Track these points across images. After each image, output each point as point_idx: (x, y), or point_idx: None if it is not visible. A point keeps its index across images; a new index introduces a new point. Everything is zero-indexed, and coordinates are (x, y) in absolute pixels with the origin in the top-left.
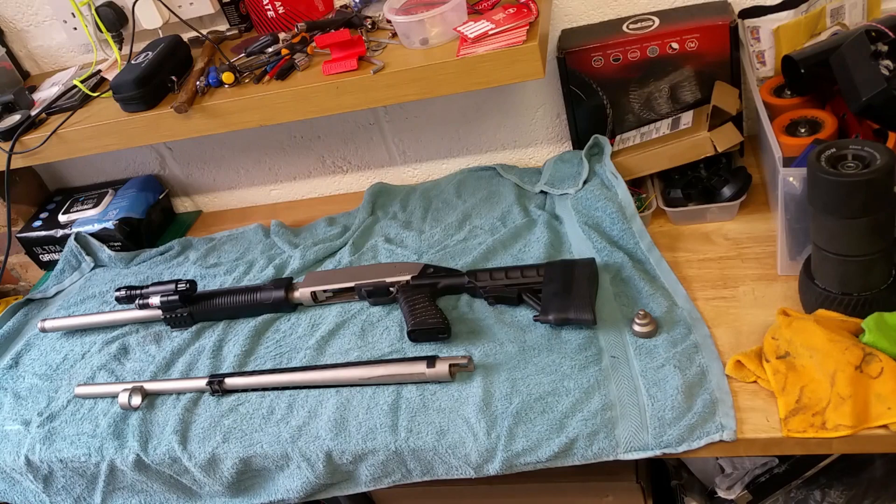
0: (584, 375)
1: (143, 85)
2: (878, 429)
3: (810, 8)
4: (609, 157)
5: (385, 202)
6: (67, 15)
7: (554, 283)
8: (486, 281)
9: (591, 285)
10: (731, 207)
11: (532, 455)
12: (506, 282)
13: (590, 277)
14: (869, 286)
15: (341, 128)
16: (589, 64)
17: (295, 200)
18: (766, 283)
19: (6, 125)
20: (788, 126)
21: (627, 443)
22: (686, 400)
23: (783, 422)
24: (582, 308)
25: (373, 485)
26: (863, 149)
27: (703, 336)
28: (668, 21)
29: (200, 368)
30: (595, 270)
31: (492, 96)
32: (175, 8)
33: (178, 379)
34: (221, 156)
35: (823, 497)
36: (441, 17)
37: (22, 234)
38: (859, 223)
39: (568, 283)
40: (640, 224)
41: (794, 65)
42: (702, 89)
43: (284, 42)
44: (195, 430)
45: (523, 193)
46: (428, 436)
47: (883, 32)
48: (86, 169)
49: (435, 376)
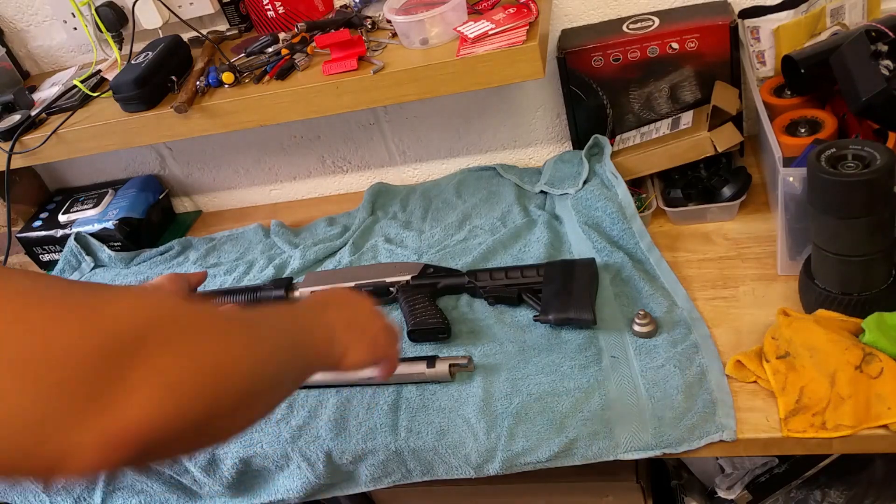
0: (584, 375)
1: (143, 85)
2: (878, 429)
3: (810, 8)
4: (609, 157)
5: (385, 202)
6: (67, 15)
7: (554, 283)
8: (486, 281)
9: (591, 285)
10: (731, 207)
11: (532, 455)
12: (506, 282)
13: (590, 277)
14: (869, 286)
15: (341, 128)
16: (589, 64)
17: (295, 200)
18: (766, 283)
19: (6, 125)
20: (788, 126)
21: (627, 443)
22: (686, 400)
23: (783, 422)
24: (582, 308)
25: (373, 485)
26: (863, 149)
27: (703, 336)
28: (668, 21)
29: None
30: (595, 270)
31: (492, 96)
32: (175, 8)
33: None
34: (221, 156)
35: (823, 497)
36: (441, 17)
37: (22, 234)
38: (859, 223)
39: (568, 282)
40: (640, 224)
41: (794, 65)
42: (702, 89)
43: (284, 42)
44: None
45: (523, 193)
46: (428, 436)
47: (883, 32)
48: (86, 169)
49: (435, 376)
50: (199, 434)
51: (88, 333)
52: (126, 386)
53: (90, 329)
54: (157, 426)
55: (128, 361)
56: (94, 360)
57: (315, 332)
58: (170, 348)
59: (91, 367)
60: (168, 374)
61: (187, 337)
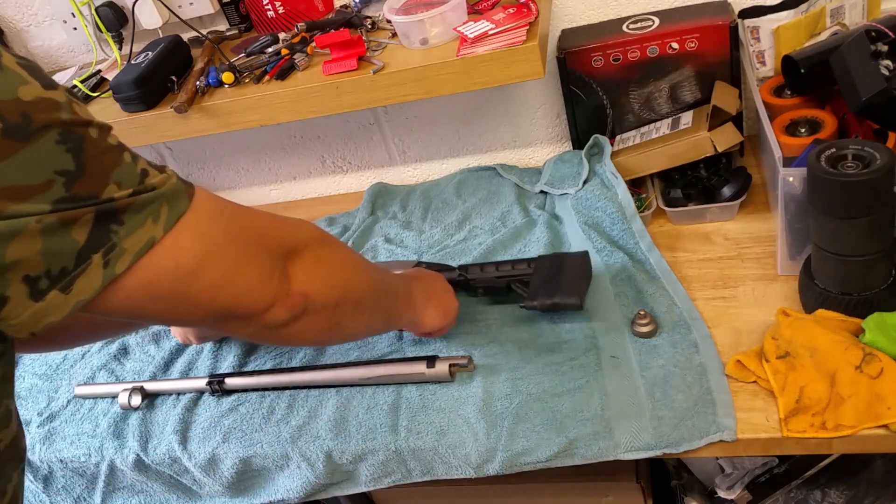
0: (584, 375)
1: (143, 85)
2: (878, 429)
3: (810, 8)
4: (609, 157)
5: (385, 202)
6: (67, 15)
7: (543, 272)
8: (476, 274)
9: (581, 273)
10: (731, 207)
11: (532, 455)
12: (496, 274)
13: (580, 267)
14: (869, 286)
15: (341, 128)
16: (589, 64)
17: (295, 200)
18: (766, 283)
19: None
20: (788, 126)
21: (627, 443)
22: (686, 400)
23: (783, 422)
24: (569, 293)
25: (373, 485)
26: (863, 149)
27: (703, 336)
28: (668, 21)
29: (200, 368)
30: (587, 261)
31: (492, 96)
32: (175, 8)
33: (178, 379)
34: (221, 156)
35: (823, 497)
36: (441, 17)
37: None
38: (859, 223)
39: (558, 272)
40: (640, 224)
41: (794, 65)
42: (702, 89)
43: (284, 42)
44: (195, 430)
45: (523, 193)
46: (428, 436)
47: (883, 32)
48: None
49: (435, 376)
50: (333, 313)
51: (284, 235)
52: (297, 269)
53: (284, 233)
54: (314, 292)
55: (299, 255)
56: (284, 249)
57: (402, 294)
58: (324, 251)
59: (281, 254)
60: (320, 266)
61: (333, 249)
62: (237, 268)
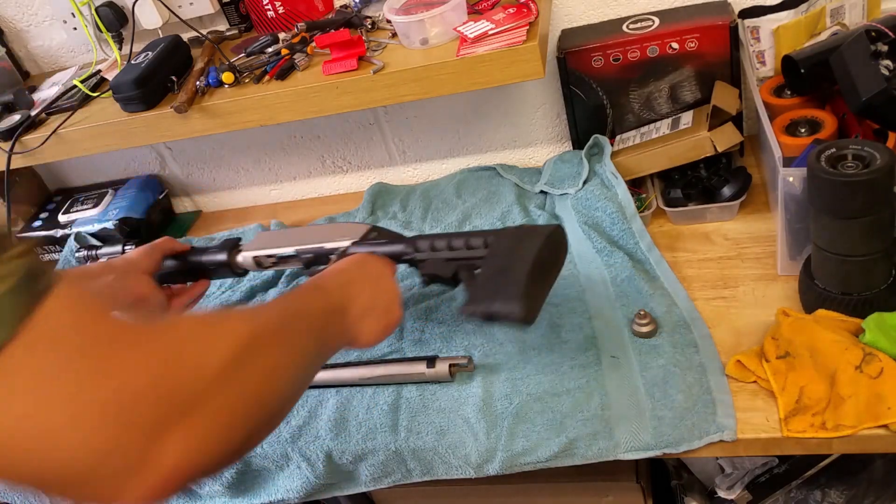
0: (584, 375)
1: (143, 85)
2: (878, 429)
3: (810, 8)
4: (609, 157)
5: (385, 202)
6: (67, 15)
7: (496, 259)
8: (426, 252)
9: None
10: (731, 207)
11: (532, 455)
12: (447, 254)
13: (541, 251)
14: (869, 286)
15: (341, 128)
16: (589, 64)
17: (295, 200)
18: (766, 283)
19: (6, 125)
20: (788, 126)
21: (627, 443)
22: (686, 400)
23: (783, 422)
24: (509, 297)
25: (373, 485)
26: (863, 149)
27: (703, 336)
28: (668, 21)
29: None
30: (555, 242)
31: (492, 96)
32: (175, 8)
33: None
34: (221, 156)
35: (823, 497)
36: (441, 17)
37: (22, 234)
38: (859, 223)
39: (511, 259)
40: (640, 224)
41: (794, 65)
42: (702, 89)
43: (284, 42)
44: None
45: (523, 193)
46: (428, 436)
47: (883, 32)
48: (86, 169)
49: (435, 376)
50: (237, 455)
51: (156, 385)
52: (173, 436)
53: (159, 383)
54: (201, 465)
55: (175, 417)
56: (155, 409)
57: (336, 318)
58: (209, 406)
59: (151, 416)
60: (204, 429)
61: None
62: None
